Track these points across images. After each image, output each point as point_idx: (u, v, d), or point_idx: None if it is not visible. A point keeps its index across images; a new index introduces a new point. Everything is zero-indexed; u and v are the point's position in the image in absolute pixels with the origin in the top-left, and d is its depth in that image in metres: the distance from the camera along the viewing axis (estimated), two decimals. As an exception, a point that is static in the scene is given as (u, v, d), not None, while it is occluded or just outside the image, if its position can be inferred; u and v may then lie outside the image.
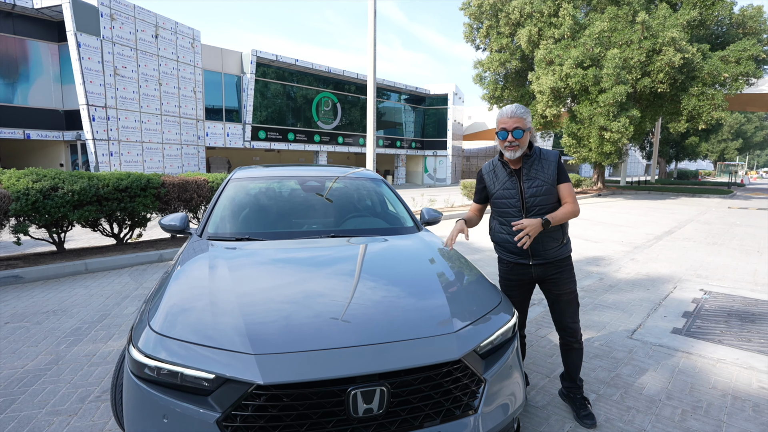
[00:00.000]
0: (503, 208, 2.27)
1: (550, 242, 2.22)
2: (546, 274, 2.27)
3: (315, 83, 25.35)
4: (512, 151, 2.15)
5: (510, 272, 2.36)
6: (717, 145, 44.25)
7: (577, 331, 2.33)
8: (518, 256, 2.28)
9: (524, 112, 2.15)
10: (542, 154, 2.24)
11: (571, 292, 2.30)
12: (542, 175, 2.18)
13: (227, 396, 1.36)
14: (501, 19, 20.03)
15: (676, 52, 14.40)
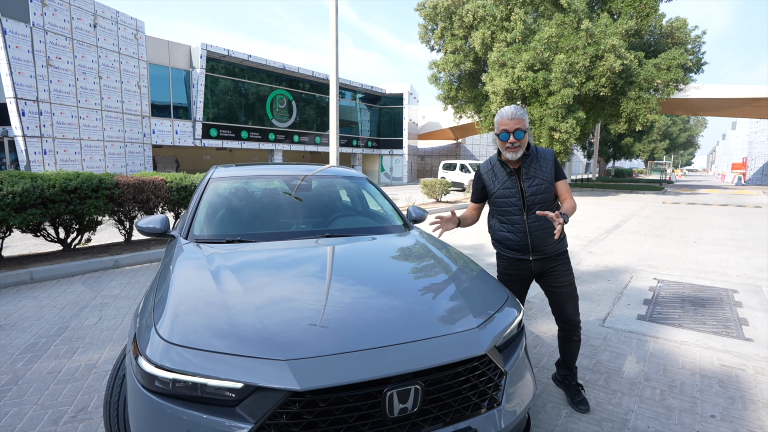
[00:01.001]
0: (504, 207, 2.31)
1: (550, 237, 2.28)
2: (545, 268, 2.34)
3: (269, 80, 24.67)
4: (513, 152, 2.19)
5: (510, 268, 2.41)
6: (648, 145, 48.03)
7: (578, 323, 2.39)
8: (518, 252, 2.34)
9: (523, 113, 2.18)
10: (539, 152, 2.29)
11: (570, 284, 2.36)
12: (541, 174, 2.24)
13: (258, 405, 1.29)
14: (455, 21, 20.53)
15: (616, 58, 15.45)
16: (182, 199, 6.88)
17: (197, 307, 1.60)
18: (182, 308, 1.59)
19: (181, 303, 1.63)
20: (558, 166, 2.30)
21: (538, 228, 2.25)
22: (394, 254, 2.35)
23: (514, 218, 2.28)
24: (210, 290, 1.72)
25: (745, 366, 2.95)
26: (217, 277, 1.83)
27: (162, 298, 1.69)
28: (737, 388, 2.66)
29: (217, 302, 1.63)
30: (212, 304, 1.62)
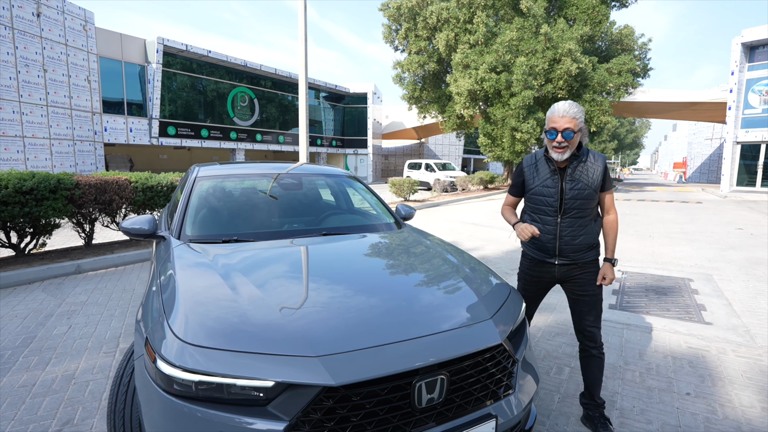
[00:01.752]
0: (539, 205, 2.17)
1: (581, 246, 2.14)
2: (569, 275, 2.19)
3: (230, 77, 23.97)
4: (560, 153, 2.03)
5: (532, 268, 2.29)
6: (599, 145, 50.65)
7: (596, 336, 2.20)
8: (544, 254, 2.21)
9: (578, 111, 2.00)
10: (590, 155, 2.11)
11: (594, 294, 2.19)
12: (586, 178, 2.07)
13: (291, 403, 1.29)
14: (419, 22, 20.80)
15: (572, 62, 16.22)
16: (148, 200, 6.57)
17: (213, 308, 1.56)
18: (198, 309, 1.54)
19: (196, 304, 1.58)
20: (607, 175, 2.11)
21: (570, 233, 2.11)
22: (397, 250, 2.38)
23: (546, 218, 2.15)
24: (223, 290, 1.68)
25: (709, 347, 3.22)
26: (227, 277, 1.79)
27: (171, 300, 1.63)
28: (705, 368, 2.89)
29: (232, 302, 1.60)
30: (228, 304, 1.58)
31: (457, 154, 44.79)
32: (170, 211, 3.30)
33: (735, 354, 3.10)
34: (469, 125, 22.54)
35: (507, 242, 7.46)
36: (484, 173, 21.27)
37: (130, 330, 3.49)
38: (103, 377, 2.73)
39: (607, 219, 2.22)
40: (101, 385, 2.64)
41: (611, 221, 2.22)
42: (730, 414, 2.36)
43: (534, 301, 2.39)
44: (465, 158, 48.38)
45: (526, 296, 2.36)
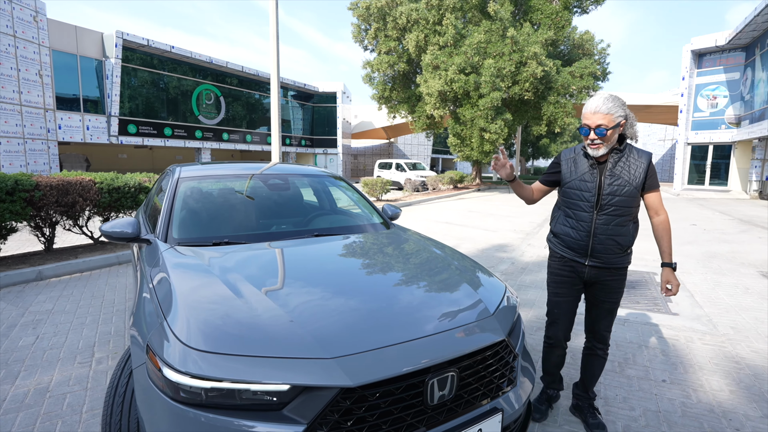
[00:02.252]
0: (574, 199, 2.06)
1: (615, 247, 2.02)
2: (599, 278, 2.09)
3: (194, 74, 23.20)
4: (594, 150, 1.96)
5: (562, 267, 2.17)
6: (561, 146, 52.59)
7: (606, 339, 2.21)
8: (575, 252, 2.09)
9: (612, 107, 1.89)
10: (634, 152, 2.01)
11: (615, 302, 2.14)
12: (627, 175, 1.96)
13: (308, 405, 1.28)
14: (389, 22, 20.87)
15: (538, 65, 16.76)
16: (114, 201, 6.27)
17: (218, 313, 1.52)
18: (202, 314, 1.50)
19: (198, 309, 1.53)
20: (652, 173, 1.99)
21: (605, 231, 1.99)
22: (392, 250, 2.39)
23: (582, 214, 2.03)
24: (225, 294, 1.64)
25: (678, 336, 3.42)
26: (227, 280, 1.75)
27: (170, 305, 1.57)
28: (676, 356, 3.08)
29: (237, 306, 1.56)
30: (233, 308, 1.55)
31: (426, 154, 45.28)
32: (149, 213, 3.18)
33: (701, 342, 3.32)
34: (438, 125, 22.84)
35: (482, 241, 7.63)
36: (454, 173, 21.62)
37: (105, 339, 3.33)
38: (81, 389, 2.59)
39: (658, 220, 2.06)
40: (80, 397, 2.50)
41: (663, 222, 2.06)
42: (703, 398, 2.52)
43: (567, 313, 2.20)
44: (434, 158, 48.99)
45: (558, 303, 2.21)
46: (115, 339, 3.32)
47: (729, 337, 3.40)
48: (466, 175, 23.12)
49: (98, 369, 2.84)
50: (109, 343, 3.24)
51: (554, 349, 2.30)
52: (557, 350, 2.29)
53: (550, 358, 2.34)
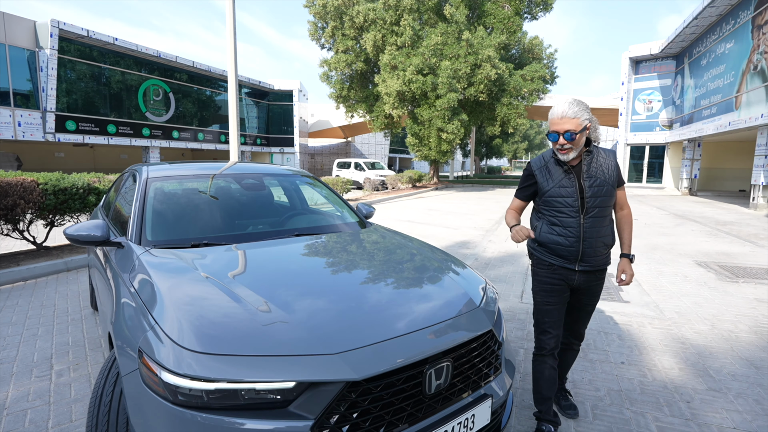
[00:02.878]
0: (558, 207, 2.04)
1: (602, 248, 2.06)
2: (587, 283, 2.10)
3: (140, 68, 21.96)
4: (564, 155, 1.97)
5: (552, 275, 2.11)
6: (512, 146, 54.78)
7: (583, 335, 2.33)
8: (566, 259, 2.06)
9: (578, 111, 1.92)
10: (601, 152, 2.07)
11: (596, 303, 2.23)
12: (602, 174, 2.01)
13: (314, 401, 1.29)
14: (346, 21, 20.80)
15: (492, 68, 17.36)
16: (61, 204, 5.84)
17: (213, 315, 1.50)
18: (196, 316, 1.47)
19: (192, 311, 1.50)
20: (619, 170, 2.08)
21: (593, 234, 2.00)
22: (376, 248, 2.43)
23: (568, 220, 2.01)
24: (217, 296, 1.61)
25: (631, 322, 3.71)
26: (216, 282, 1.71)
27: (160, 309, 1.53)
28: (631, 340, 3.34)
29: (231, 307, 1.54)
30: (228, 309, 1.53)
31: (384, 153, 45.54)
32: (113, 216, 3.03)
33: (651, 326, 3.62)
34: (397, 125, 23.07)
35: (445, 238, 7.83)
36: (413, 172, 21.94)
37: (63, 350, 3.13)
38: (44, 403, 2.43)
39: (622, 214, 2.17)
40: (43, 412, 2.35)
41: (626, 215, 2.17)
42: (657, 376, 2.77)
43: (558, 321, 2.14)
44: (391, 157, 49.35)
45: (549, 312, 2.14)
46: (74, 350, 3.13)
47: (674, 321, 3.73)
48: (424, 174, 23.52)
49: (60, 382, 2.67)
50: (69, 354, 3.05)
51: (546, 360, 2.16)
52: (549, 361, 2.16)
53: (543, 374, 2.16)
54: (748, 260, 6.15)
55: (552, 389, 2.16)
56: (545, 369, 2.16)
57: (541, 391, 2.17)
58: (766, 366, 2.91)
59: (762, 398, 2.51)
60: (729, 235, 8.39)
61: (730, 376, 2.77)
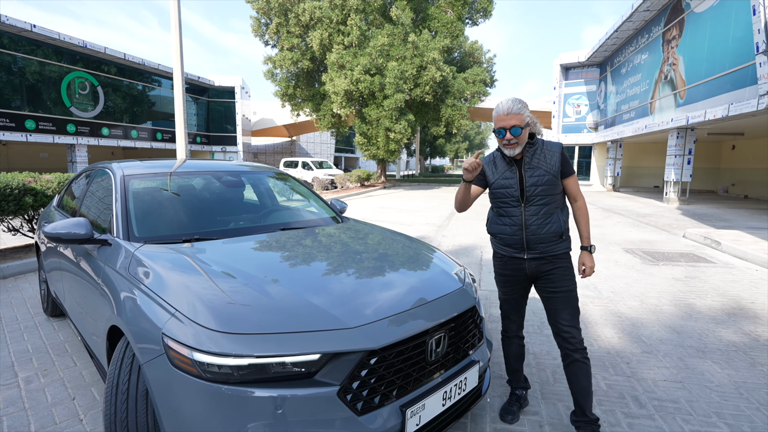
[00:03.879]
0: (501, 198, 2.15)
1: (548, 236, 2.08)
2: (540, 270, 2.12)
3: (61, 59, 20.14)
4: (511, 149, 2.05)
5: (504, 266, 2.22)
6: (454, 145, 56.87)
7: (574, 336, 2.07)
8: (513, 249, 2.15)
9: (521, 108, 2.01)
10: (545, 144, 2.12)
11: (568, 290, 2.10)
12: (545, 165, 2.07)
13: (337, 369, 1.45)
14: (291, 18, 20.54)
15: (437, 70, 18.01)
16: (-8, 205, 5.36)
17: (232, 298, 1.60)
18: (218, 301, 1.56)
19: (211, 297, 1.58)
20: (566, 160, 2.10)
21: (535, 222, 2.06)
22: (362, 238, 2.60)
23: (511, 210, 2.11)
24: (230, 282, 1.71)
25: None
26: (224, 271, 1.80)
27: (176, 298, 1.59)
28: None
29: (248, 292, 1.65)
30: (245, 294, 1.63)
31: (330, 153, 45.34)
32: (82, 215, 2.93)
33: (593, 304, 4.11)
34: (344, 124, 23.16)
35: (401, 233, 8.11)
36: (361, 171, 22.15)
37: (25, 357, 2.97)
38: (19, 410, 2.33)
39: (576, 206, 2.18)
40: (21, 418, 2.26)
41: (580, 207, 2.18)
42: (602, 345, 3.20)
43: (516, 308, 2.29)
44: (337, 156, 49.25)
45: (506, 300, 2.29)
46: (37, 356, 2.98)
47: (611, 299, 4.26)
48: (372, 174, 23.82)
49: (30, 388, 2.56)
50: (32, 361, 2.91)
51: (512, 340, 2.34)
52: (515, 340, 2.33)
53: (510, 351, 2.35)
54: (666, 246, 7.04)
55: (519, 362, 2.36)
56: (512, 347, 2.36)
57: (510, 363, 2.39)
58: (686, 331, 3.45)
59: (683, 356, 3.00)
60: (649, 225, 9.48)
61: (658, 340, 3.27)
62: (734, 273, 5.34)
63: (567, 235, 2.15)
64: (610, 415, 2.30)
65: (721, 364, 2.89)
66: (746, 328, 3.53)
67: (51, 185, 6.05)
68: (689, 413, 2.32)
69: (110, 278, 1.99)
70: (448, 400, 1.73)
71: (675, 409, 2.36)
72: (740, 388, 2.58)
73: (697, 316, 3.79)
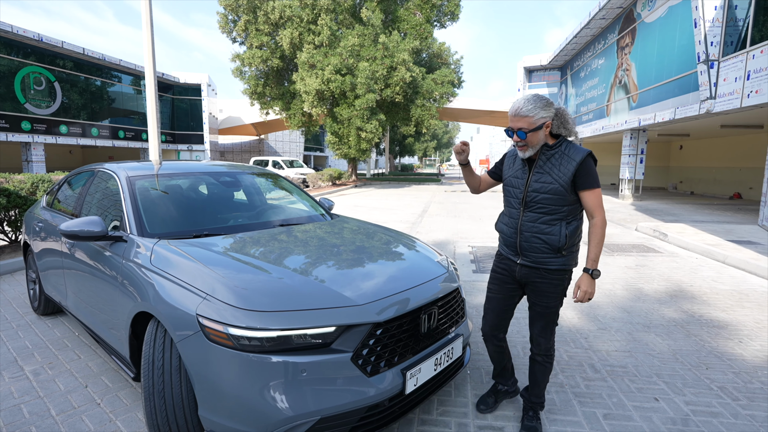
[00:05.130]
0: (508, 196, 2.12)
1: (540, 246, 1.97)
2: (529, 278, 2.04)
3: (13, 52, 19.15)
4: (521, 152, 1.98)
5: (499, 263, 2.21)
6: (423, 144, 57.72)
7: (540, 344, 2.12)
8: (509, 250, 2.11)
9: (532, 109, 1.88)
10: (568, 149, 1.93)
11: (545, 307, 2.04)
12: (556, 172, 1.91)
13: (349, 339, 1.74)
14: (260, 16, 20.40)
15: (407, 70, 18.42)
16: (-36, 206, 5.26)
17: (256, 283, 1.85)
18: (245, 286, 1.81)
19: (238, 283, 1.83)
20: (584, 172, 1.88)
21: (530, 229, 1.98)
22: (355, 232, 2.88)
23: (512, 210, 2.08)
24: (251, 270, 1.96)
25: (541, 289, 4.62)
26: (242, 260, 2.05)
27: (208, 284, 1.82)
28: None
29: (268, 278, 1.91)
30: (266, 280, 1.89)
31: (299, 151, 45.06)
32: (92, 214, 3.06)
33: (556, 290, 4.56)
34: (315, 123, 23.21)
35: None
36: (333, 170, 22.31)
37: (26, 353, 3.06)
38: (35, 398, 2.47)
39: (591, 223, 1.95)
40: (40, 405, 2.40)
41: (594, 225, 1.93)
42: (564, 324, 3.62)
43: (495, 309, 2.21)
44: (306, 155, 48.99)
45: (489, 298, 2.24)
46: (39, 351, 3.09)
47: (571, 286, 4.74)
48: (343, 173, 24.01)
49: (40, 379, 2.69)
50: (35, 356, 3.02)
51: (489, 341, 2.29)
52: (491, 341, 2.28)
53: (489, 351, 2.34)
54: (620, 239, 7.70)
55: (500, 363, 2.33)
56: (489, 348, 2.31)
57: (493, 363, 2.37)
58: (635, 311, 3.94)
59: (632, 330, 3.47)
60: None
61: (611, 319, 3.74)
62: (678, 261, 5.98)
63: (570, 251, 1.97)
64: (570, 379, 2.70)
65: (663, 336, 3.37)
66: (685, 307, 4.06)
67: (24, 186, 5.97)
68: (635, 375, 2.75)
69: (132, 270, 2.18)
70: (439, 365, 2.05)
71: (623, 372, 2.79)
72: (677, 354, 3.05)
73: (645, 298, 4.31)
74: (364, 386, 1.73)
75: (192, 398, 1.77)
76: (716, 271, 5.42)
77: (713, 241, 6.88)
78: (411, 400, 1.92)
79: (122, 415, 2.31)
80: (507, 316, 2.24)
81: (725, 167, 17.46)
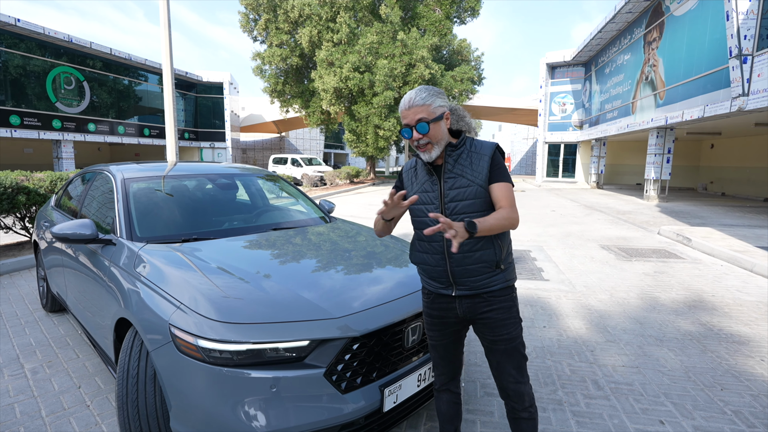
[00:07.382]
0: (420, 216, 1.68)
1: (477, 266, 1.60)
2: (475, 312, 1.65)
3: (47, 53, 19.90)
4: (426, 153, 1.61)
5: (431, 305, 1.75)
6: (443, 142, 57.16)
7: (522, 394, 1.67)
8: (438, 283, 1.68)
9: (426, 97, 1.57)
10: (474, 145, 1.64)
11: (509, 339, 1.64)
12: (470, 173, 1.59)
13: (324, 353, 1.67)
14: (280, 15, 20.56)
15: (425, 68, 18.23)
16: (-15, 204, 5.45)
17: (231, 293, 1.80)
18: (218, 295, 1.76)
19: (212, 292, 1.79)
20: (497, 164, 1.60)
21: (460, 249, 1.58)
22: (348, 237, 2.81)
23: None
24: (228, 278, 1.91)
25: (550, 296, 4.46)
26: (222, 268, 2.01)
27: (180, 292, 1.79)
28: (551, 309, 4.06)
29: (245, 287, 1.86)
30: (242, 289, 1.84)
31: (319, 149, 45.33)
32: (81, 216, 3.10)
33: (566, 298, 4.39)
34: (333, 121, 23.27)
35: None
36: (350, 168, 22.31)
37: (29, 350, 3.13)
38: (28, 397, 2.51)
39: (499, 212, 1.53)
40: (32, 405, 2.44)
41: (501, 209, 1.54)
42: (570, 335, 3.47)
43: (446, 357, 1.80)
44: (326, 152, 49.25)
45: (434, 347, 1.80)
46: (41, 349, 3.15)
47: (583, 293, 4.55)
48: (361, 170, 24.00)
49: (37, 378, 2.73)
50: (36, 354, 3.08)
51: (440, 394, 1.88)
52: (444, 395, 1.87)
53: (439, 407, 1.88)
54: (640, 243, 7.39)
55: (450, 424, 1.88)
56: (440, 403, 1.88)
57: (440, 424, 1.90)
58: (648, 322, 3.74)
59: (643, 344, 3.29)
60: (627, 222, 9.85)
61: (622, 330, 3.56)
62: (700, 268, 5.69)
63: (507, 263, 1.65)
64: (570, 396, 2.56)
65: (676, 351, 3.18)
66: (703, 319, 3.84)
67: (43, 184, 6.15)
68: (641, 394, 2.59)
69: (117, 275, 2.17)
70: (423, 381, 1.96)
71: (629, 390, 2.63)
72: (689, 372, 2.87)
73: (660, 309, 4.09)
74: (337, 403, 1.66)
75: (165, 410, 1.74)
76: (742, 281, 5.12)
77: (741, 247, 6.51)
78: (390, 418, 1.84)
79: (108, 418, 2.31)
80: (459, 357, 1.85)
81: (759, 167, 16.61)
